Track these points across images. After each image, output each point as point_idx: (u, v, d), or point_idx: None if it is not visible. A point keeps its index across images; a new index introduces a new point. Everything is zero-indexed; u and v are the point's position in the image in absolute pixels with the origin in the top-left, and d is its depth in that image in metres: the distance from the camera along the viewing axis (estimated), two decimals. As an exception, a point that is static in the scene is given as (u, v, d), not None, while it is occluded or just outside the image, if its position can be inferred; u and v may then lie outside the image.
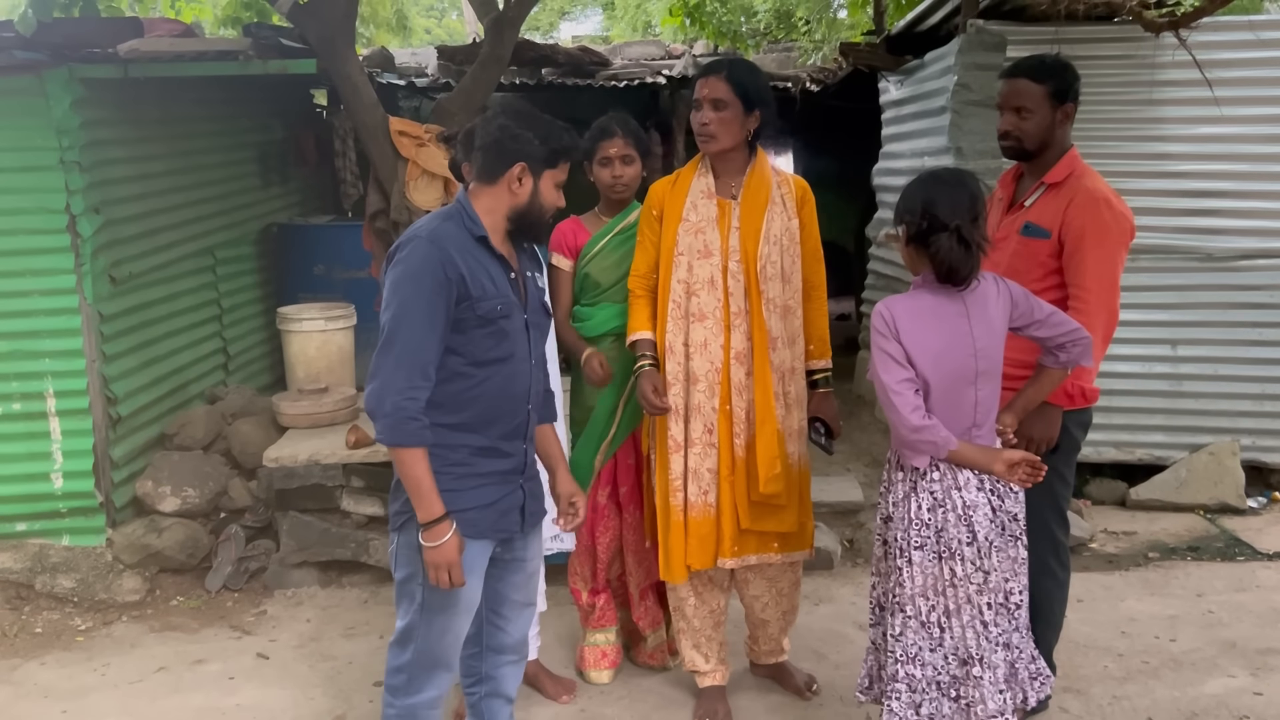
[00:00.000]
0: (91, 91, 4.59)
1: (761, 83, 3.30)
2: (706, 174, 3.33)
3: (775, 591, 3.52)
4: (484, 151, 2.64)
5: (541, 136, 2.62)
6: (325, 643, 4.20)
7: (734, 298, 3.26)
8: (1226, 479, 5.30)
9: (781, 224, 3.29)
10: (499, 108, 2.68)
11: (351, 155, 7.22)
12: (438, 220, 2.63)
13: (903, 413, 2.68)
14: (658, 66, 7.85)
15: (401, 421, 2.51)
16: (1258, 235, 5.29)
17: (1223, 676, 3.75)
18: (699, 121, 3.25)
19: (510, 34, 5.40)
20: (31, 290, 4.55)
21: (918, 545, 2.75)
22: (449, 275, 2.53)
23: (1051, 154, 3.21)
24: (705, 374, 3.28)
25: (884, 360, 2.70)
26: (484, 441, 2.67)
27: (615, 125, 3.58)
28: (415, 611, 2.69)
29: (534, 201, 2.65)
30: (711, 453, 3.30)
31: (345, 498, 4.67)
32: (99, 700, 3.82)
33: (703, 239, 3.27)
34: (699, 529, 3.32)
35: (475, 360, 2.61)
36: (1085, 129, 5.25)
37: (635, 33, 17.36)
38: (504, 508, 2.73)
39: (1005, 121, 3.21)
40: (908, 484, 2.79)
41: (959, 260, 2.65)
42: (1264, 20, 5.25)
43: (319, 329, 5.38)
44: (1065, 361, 2.85)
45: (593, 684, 3.76)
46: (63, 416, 4.62)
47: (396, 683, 2.76)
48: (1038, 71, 3.17)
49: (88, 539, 4.71)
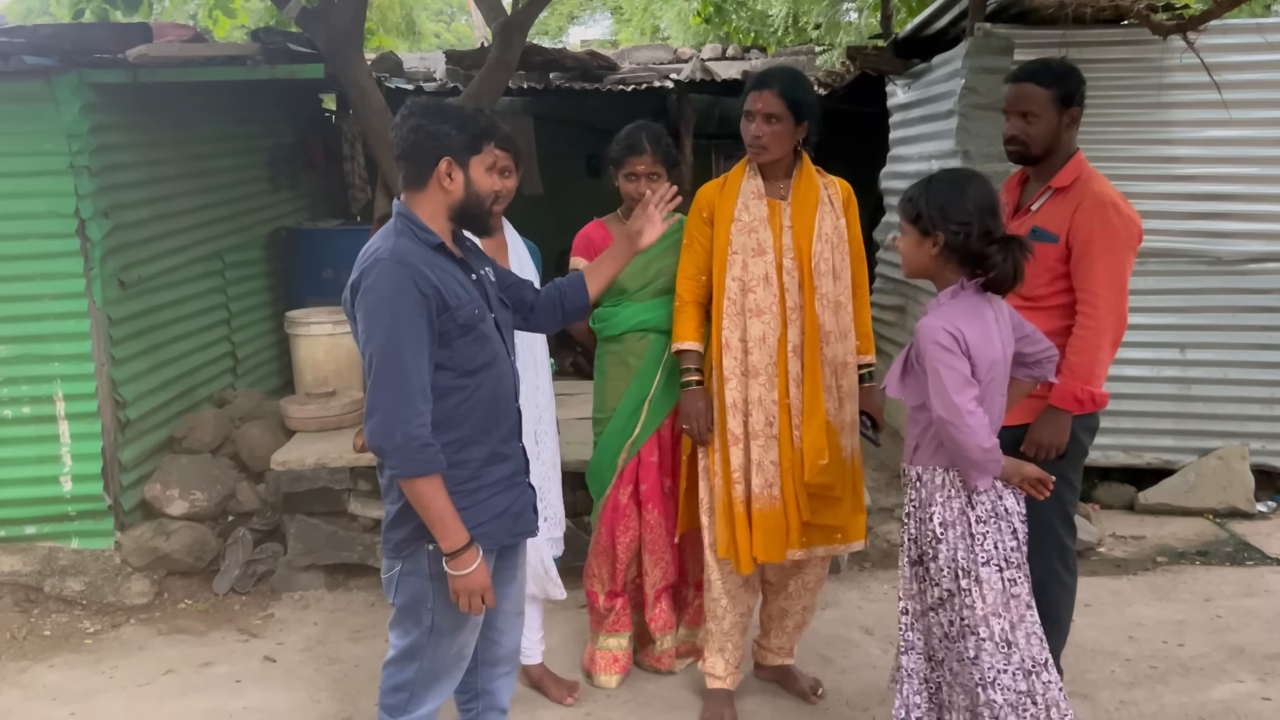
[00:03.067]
0: (101, 96, 4.61)
1: (811, 94, 3.34)
2: (755, 176, 3.37)
3: (801, 584, 3.54)
4: (405, 159, 2.55)
5: (457, 126, 2.52)
6: (332, 646, 4.21)
7: (789, 293, 3.30)
8: (1235, 483, 5.28)
9: (831, 223, 3.34)
10: (407, 110, 2.55)
11: (360, 160, 7.25)
12: (390, 238, 2.51)
13: (979, 434, 2.57)
14: (666, 71, 7.88)
15: (416, 451, 2.42)
16: (1267, 239, 5.27)
17: (1231, 682, 3.74)
18: (751, 134, 3.28)
19: (518, 38, 5.42)
20: (41, 294, 4.57)
21: (984, 561, 2.66)
22: (424, 291, 2.44)
23: (1058, 158, 3.19)
24: (765, 367, 3.31)
25: (955, 380, 2.58)
26: (487, 449, 2.62)
27: (646, 142, 3.54)
28: (423, 634, 2.63)
29: (470, 192, 2.56)
30: (774, 445, 3.32)
31: (353, 501, 4.68)
32: (107, 702, 3.83)
33: (756, 237, 3.31)
34: (766, 522, 3.32)
35: (464, 370, 2.55)
36: (1094, 132, 5.24)
37: (643, 37, 17.40)
38: (516, 511, 2.71)
39: (1011, 126, 3.20)
40: (960, 501, 2.70)
41: (1015, 269, 2.60)
42: (1272, 23, 5.24)
43: (327, 333, 5.40)
44: (1038, 377, 2.84)
45: (599, 688, 3.76)
46: (72, 420, 4.64)
47: (394, 702, 2.70)
48: (1044, 76, 3.16)
49: (96, 542, 4.72)
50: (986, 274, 2.63)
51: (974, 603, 2.66)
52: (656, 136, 3.58)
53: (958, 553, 2.68)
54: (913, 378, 2.73)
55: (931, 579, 2.73)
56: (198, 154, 5.63)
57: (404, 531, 2.59)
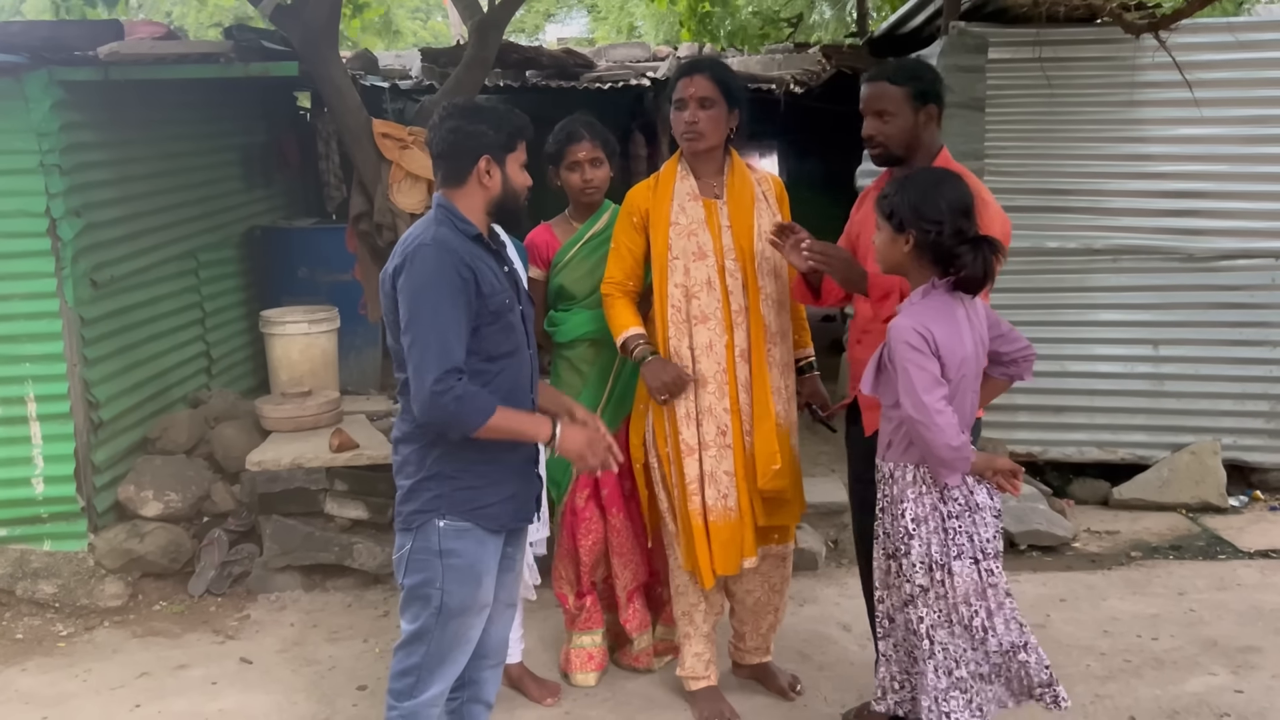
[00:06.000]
0: (72, 94, 4.56)
1: (739, 81, 3.33)
2: (688, 176, 3.33)
3: (768, 586, 3.54)
4: (444, 157, 2.68)
5: (494, 125, 2.66)
6: (309, 647, 4.19)
7: (734, 296, 3.27)
8: (1208, 478, 5.33)
9: (769, 219, 3.32)
10: (444, 111, 2.70)
11: (335, 158, 7.20)
12: (432, 226, 2.64)
13: (948, 433, 2.60)
14: (642, 69, 7.85)
15: (469, 401, 2.54)
16: (1238, 236, 5.33)
17: (1204, 675, 3.77)
18: (685, 121, 3.24)
19: (495, 36, 5.40)
20: (12, 294, 4.52)
21: (956, 555, 2.68)
22: (463, 276, 2.57)
23: (920, 158, 3.09)
24: (714, 375, 3.28)
25: (924, 379, 2.60)
26: None
27: (582, 129, 3.54)
28: (431, 615, 2.69)
29: (507, 188, 2.70)
30: (727, 454, 3.29)
31: (329, 501, 4.66)
32: (80, 706, 3.80)
33: (696, 241, 3.28)
34: (722, 534, 3.30)
35: (489, 356, 2.66)
36: (1066, 130, 5.30)
37: (620, 35, 17.41)
38: (524, 497, 2.81)
39: (868, 126, 3.12)
40: (932, 497, 2.72)
41: (986, 268, 2.62)
42: (1243, 22, 5.30)
43: (302, 332, 5.37)
44: (1014, 375, 2.85)
45: (577, 686, 3.75)
46: (44, 421, 4.59)
47: (402, 686, 2.74)
48: (897, 74, 3.09)
49: (69, 544, 4.68)
50: (957, 273, 2.65)
51: (945, 593, 2.69)
52: (591, 124, 3.58)
53: (931, 548, 2.70)
54: (885, 376, 2.75)
55: (904, 575, 2.74)
56: (171, 152, 5.58)
57: (416, 503, 2.68)
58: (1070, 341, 5.39)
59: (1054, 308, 5.36)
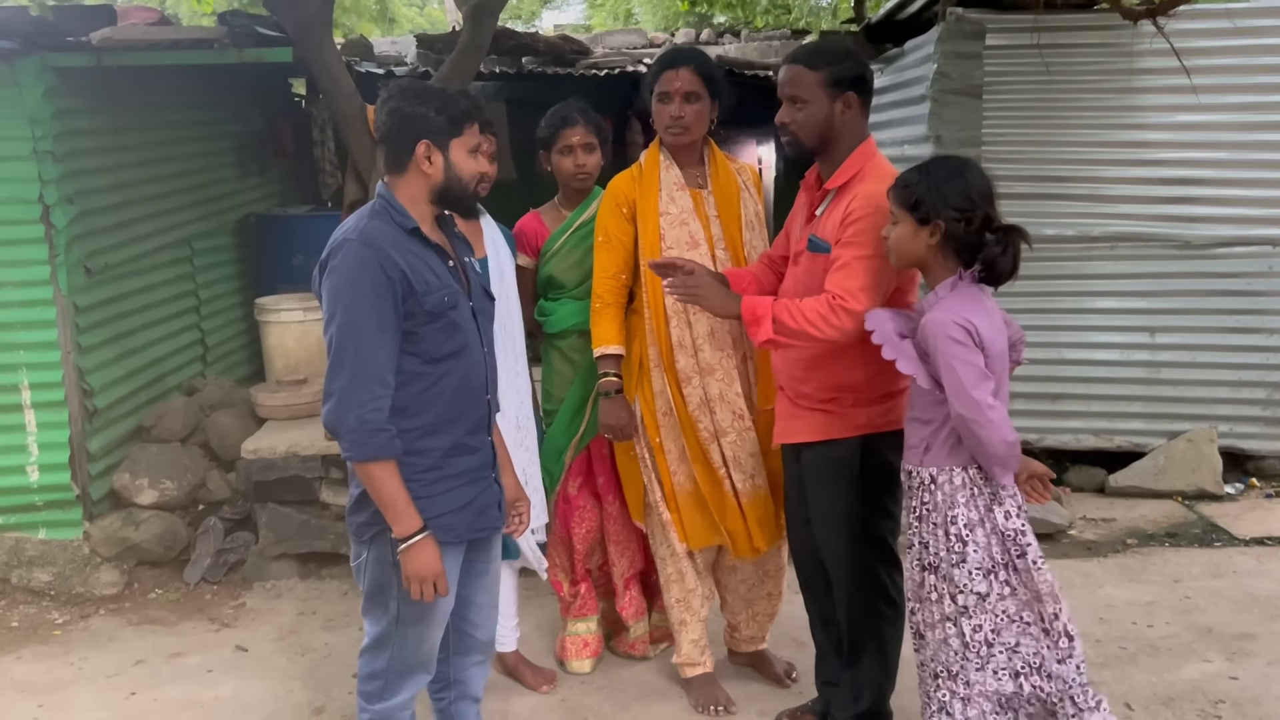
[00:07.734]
0: (65, 80, 4.53)
1: (720, 72, 3.32)
2: (672, 165, 3.32)
3: (761, 573, 3.55)
4: (386, 142, 2.53)
5: (437, 108, 2.49)
6: (304, 635, 4.19)
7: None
8: (1204, 465, 5.34)
9: (752, 208, 3.35)
10: (388, 93, 2.53)
11: (330, 145, 7.19)
12: (364, 219, 2.50)
13: (1003, 428, 2.46)
14: (639, 55, 7.84)
15: (368, 435, 2.40)
16: (1235, 223, 5.32)
17: (1199, 661, 3.78)
18: (671, 115, 3.22)
19: (490, 22, 5.36)
20: (5, 282, 4.50)
21: (1019, 554, 2.54)
22: (389, 274, 2.41)
23: (838, 151, 2.86)
24: (719, 362, 3.28)
25: (971, 374, 2.45)
26: (451, 440, 2.57)
27: (575, 113, 3.51)
28: (389, 623, 2.61)
29: (450, 175, 2.53)
30: (748, 437, 3.31)
31: (324, 489, 4.66)
32: (76, 694, 3.79)
33: (688, 230, 3.28)
34: (756, 511, 3.33)
35: (430, 358, 2.51)
36: (1064, 117, 5.28)
37: (616, 21, 17.35)
38: (480, 505, 2.65)
39: (781, 112, 2.87)
40: (985, 498, 2.57)
41: (1014, 259, 2.52)
42: (1241, 9, 5.27)
43: (297, 320, 5.35)
44: (1016, 360, 2.72)
45: (573, 674, 3.76)
46: (38, 409, 4.58)
47: (371, 689, 2.68)
48: (813, 57, 2.82)
49: (64, 532, 4.67)
50: (985, 264, 2.53)
51: (1016, 590, 2.55)
52: (584, 109, 3.55)
53: (992, 550, 2.56)
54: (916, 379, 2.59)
55: (956, 585, 2.57)
56: (165, 139, 5.56)
57: (364, 515, 2.57)
58: (1067, 329, 5.39)
59: (1051, 295, 5.35)
